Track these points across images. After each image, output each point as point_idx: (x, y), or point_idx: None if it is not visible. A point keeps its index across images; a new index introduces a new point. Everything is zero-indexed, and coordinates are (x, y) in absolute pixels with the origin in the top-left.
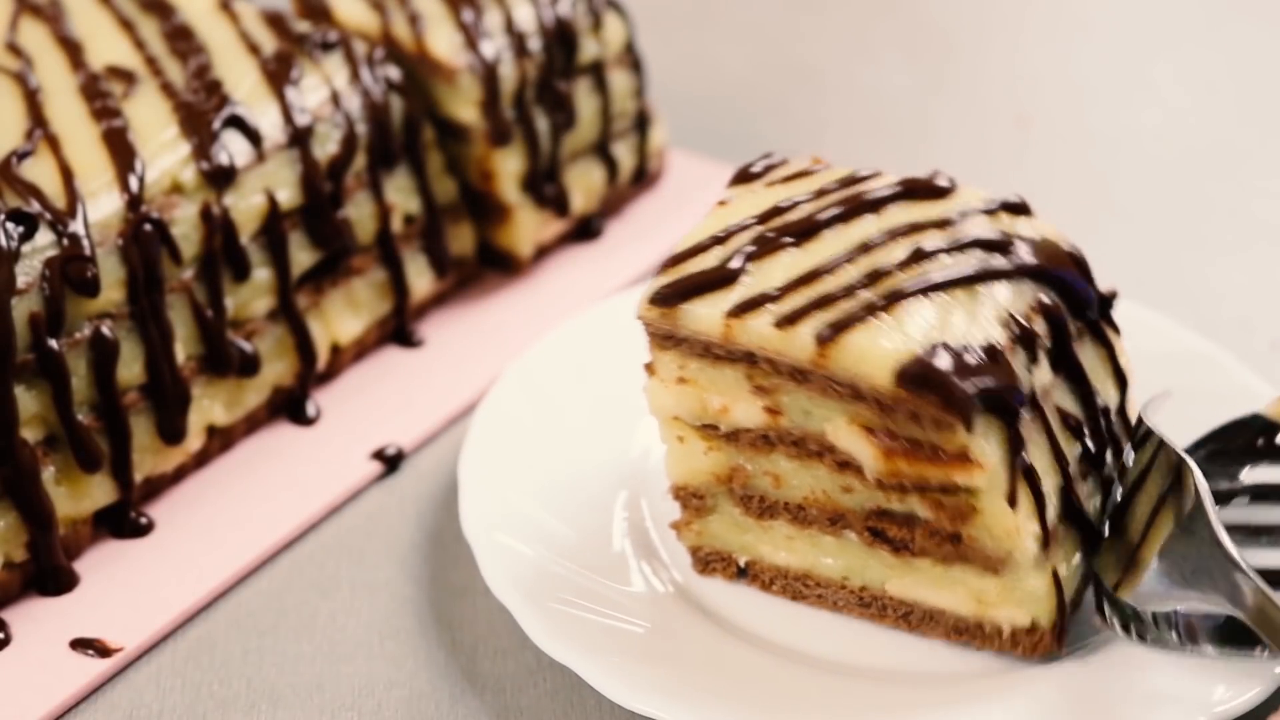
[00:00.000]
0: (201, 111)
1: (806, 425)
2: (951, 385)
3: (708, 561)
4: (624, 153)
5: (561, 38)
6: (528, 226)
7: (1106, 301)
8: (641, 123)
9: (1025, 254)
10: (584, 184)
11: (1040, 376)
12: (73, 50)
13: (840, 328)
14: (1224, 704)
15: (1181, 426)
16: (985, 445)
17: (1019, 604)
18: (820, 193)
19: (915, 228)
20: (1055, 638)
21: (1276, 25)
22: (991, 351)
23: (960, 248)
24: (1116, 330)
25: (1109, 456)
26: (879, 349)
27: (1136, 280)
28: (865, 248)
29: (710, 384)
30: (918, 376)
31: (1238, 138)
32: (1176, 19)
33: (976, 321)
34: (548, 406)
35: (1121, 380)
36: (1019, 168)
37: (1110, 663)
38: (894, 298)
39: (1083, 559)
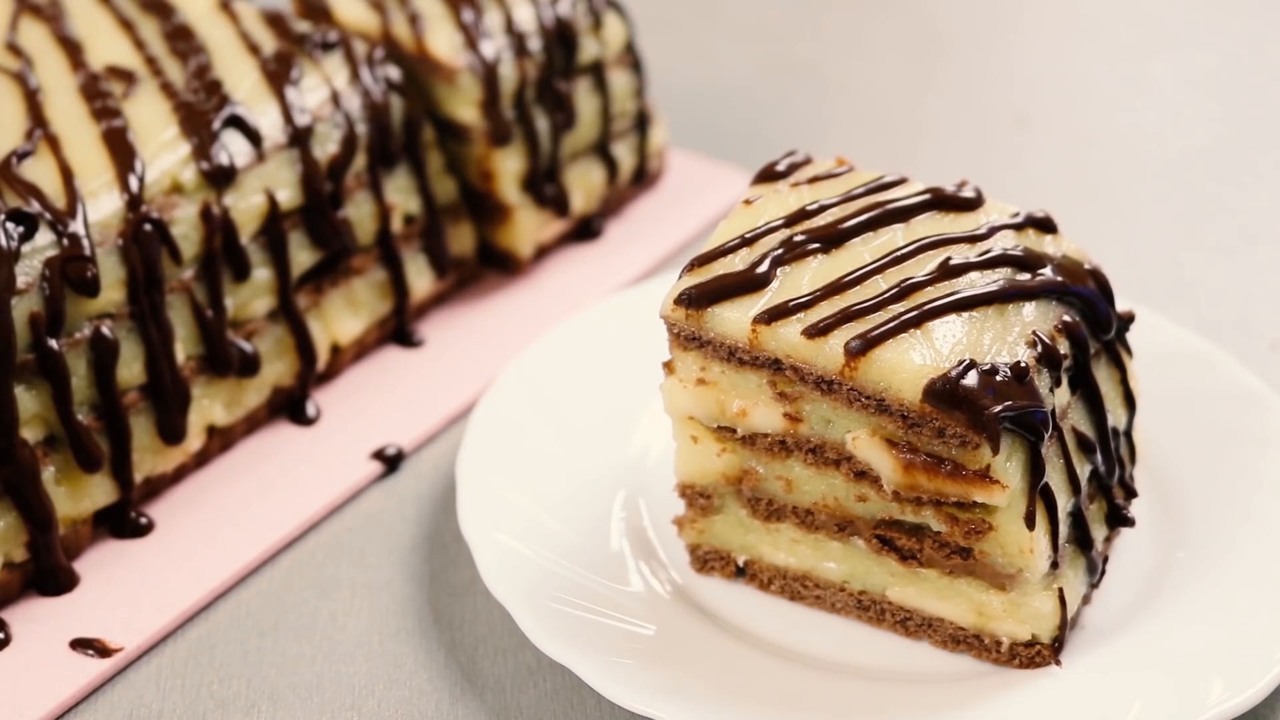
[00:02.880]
0: (201, 111)
1: (827, 434)
2: (980, 405)
3: (706, 560)
4: (624, 153)
5: (561, 38)
6: (528, 226)
7: (1125, 323)
8: (642, 123)
9: (1052, 273)
10: (584, 184)
11: (1060, 397)
12: (72, 50)
13: (870, 341)
14: (1221, 703)
15: (1181, 427)
16: (1008, 466)
17: (1022, 620)
18: (847, 198)
19: (944, 241)
20: (1054, 653)
21: (1276, 25)
22: (1020, 372)
23: (989, 264)
24: (1129, 352)
25: (1115, 478)
26: (909, 364)
27: (1136, 280)
28: (894, 259)
29: (731, 387)
30: (947, 394)
31: (1237, 138)
32: (1176, 19)
33: (1005, 340)
34: (546, 406)
35: (1130, 403)
36: (1018, 167)
37: (1107, 662)
38: (924, 313)
39: (1086, 576)
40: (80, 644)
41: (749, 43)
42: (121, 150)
